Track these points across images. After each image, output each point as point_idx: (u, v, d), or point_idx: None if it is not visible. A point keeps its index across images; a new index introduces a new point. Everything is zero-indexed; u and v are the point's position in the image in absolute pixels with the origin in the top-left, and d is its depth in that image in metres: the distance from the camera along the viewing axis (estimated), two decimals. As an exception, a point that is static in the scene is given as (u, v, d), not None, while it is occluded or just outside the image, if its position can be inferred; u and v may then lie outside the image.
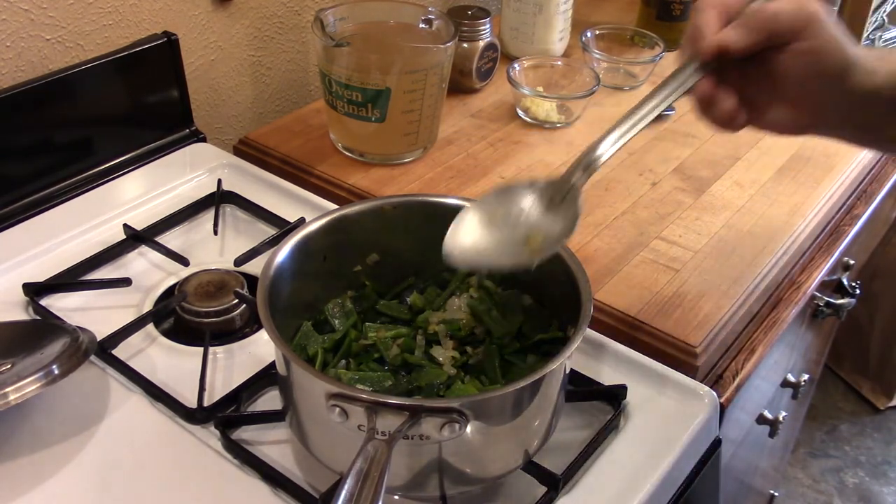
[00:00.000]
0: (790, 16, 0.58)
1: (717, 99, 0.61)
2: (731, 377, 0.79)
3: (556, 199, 0.63)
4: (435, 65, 0.92)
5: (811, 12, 0.58)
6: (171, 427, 0.67)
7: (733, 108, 0.61)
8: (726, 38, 0.59)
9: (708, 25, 0.60)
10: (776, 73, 0.60)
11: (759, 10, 0.59)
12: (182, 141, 1.00)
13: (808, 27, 0.58)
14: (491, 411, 0.56)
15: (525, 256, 0.61)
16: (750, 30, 0.59)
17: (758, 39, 0.59)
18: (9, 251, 0.82)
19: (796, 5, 0.58)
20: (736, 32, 0.59)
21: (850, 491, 1.96)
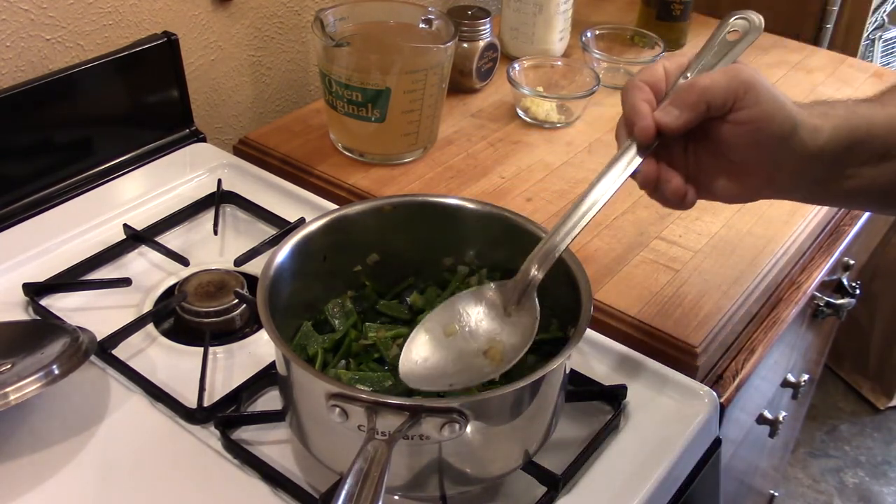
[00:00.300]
0: (724, 87, 0.57)
1: (662, 180, 0.60)
2: (731, 377, 0.79)
3: (511, 301, 0.62)
4: (435, 65, 0.92)
5: (745, 80, 0.57)
6: (171, 427, 0.67)
7: (680, 187, 0.60)
8: (662, 119, 0.58)
9: (641, 107, 0.59)
10: (719, 143, 0.59)
11: (691, 85, 0.58)
12: (182, 141, 1.00)
13: (746, 96, 0.57)
14: (491, 411, 0.56)
15: (488, 370, 0.60)
16: (685, 107, 0.58)
17: (694, 116, 0.58)
18: (9, 251, 0.82)
19: (728, 76, 0.57)
20: (671, 112, 0.58)
21: (850, 491, 1.96)
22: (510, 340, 0.61)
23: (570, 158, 1.01)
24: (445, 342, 0.62)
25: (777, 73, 1.23)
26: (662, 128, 0.58)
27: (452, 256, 0.73)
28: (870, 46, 1.61)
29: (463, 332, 0.62)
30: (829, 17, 1.47)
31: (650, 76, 0.61)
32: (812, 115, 0.58)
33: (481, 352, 0.61)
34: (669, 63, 0.62)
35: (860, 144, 0.59)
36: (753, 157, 0.59)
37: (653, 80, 0.61)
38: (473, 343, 0.62)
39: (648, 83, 0.60)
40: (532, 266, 0.61)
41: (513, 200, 0.93)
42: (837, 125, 0.59)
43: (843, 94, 1.18)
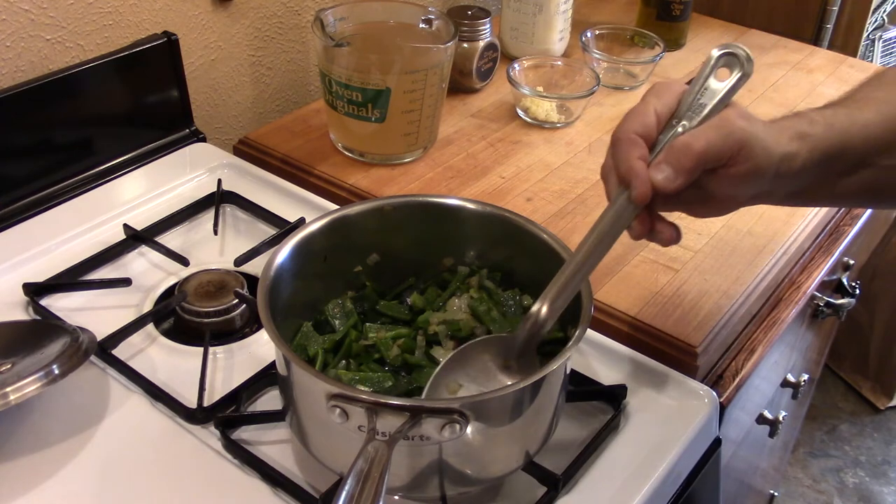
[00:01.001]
0: (720, 147, 0.56)
1: (655, 231, 0.60)
2: (731, 377, 0.79)
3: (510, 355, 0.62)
4: (435, 65, 0.92)
5: (740, 138, 0.56)
6: (171, 427, 0.66)
7: (672, 237, 0.60)
8: (658, 181, 0.57)
9: (638, 167, 0.58)
10: (708, 188, 0.59)
11: (687, 146, 0.57)
12: (182, 141, 1.00)
13: (741, 152, 0.57)
14: (491, 412, 0.56)
15: None
16: (681, 171, 0.57)
17: (690, 179, 0.57)
18: (9, 251, 0.82)
19: (724, 133, 0.57)
20: (667, 173, 0.57)
21: (850, 491, 1.96)
22: None
23: (570, 158, 1.01)
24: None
25: (777, 73, 1.23)
26: (658, 190, 0.58)
27: (452, 257, 0.73)
28: (870, 46, 1.60)
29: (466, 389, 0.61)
30: (829, 17, 1.47)
31: (642, 125, 0.59)
32: (790, 140, 0.58)
33: None
34: (660, 104, 0.60)
35: (836, 159, 0.59)
36: (735, 194, 0.60)
37: (645, 131, 0.59)
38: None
39: (641, 134, 0.59)
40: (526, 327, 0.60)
41: (513, 200, 0.93)
42: (813, 147, 0.58)
43: (843, 94, 1.18)
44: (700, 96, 0.60)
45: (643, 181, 0.57)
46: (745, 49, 0.59)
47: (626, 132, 0.59)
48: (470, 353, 0.62)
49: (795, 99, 1.16)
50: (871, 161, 0.60)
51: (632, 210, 0.59)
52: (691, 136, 0.57)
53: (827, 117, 0.60)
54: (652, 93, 0.61)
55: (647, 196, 0.58)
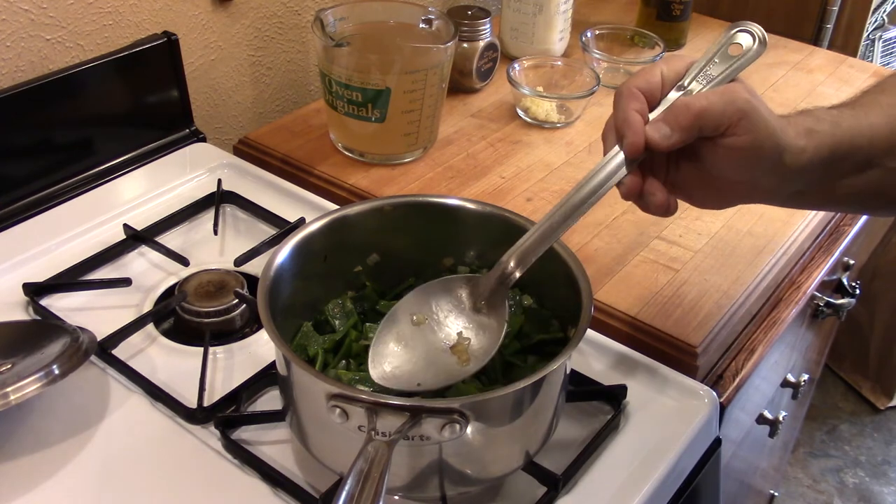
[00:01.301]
0: (720, 112, 0.56)
1: (646, 192, 0.60)
2: (731, 377, 0.79)
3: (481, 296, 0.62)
4: (435, 65, 0.92)
5: (742, 107, 0.56)
6: (171, 427, 0.66)
7: (663, 201, 0.60)
8: (652, 136, 0.57)
9: (633, 119, 0.58)
10: (703, 159, 0.59)
11: (687, 104, 0.56)
12: (182, 141, 1.00)
13: (740, 123, 0.56)
14: (491, 412, 0.56)
15: (456, 370, 0.60)
16: (677, 127, 0.57)
17: (686, 137, 0.57)
18: (9, 251, 0.82)
19: (726, 99, 0.56)
20: (662, 130, 0.57)
21: (850, 491, 1.96)
22: (476, 338, 0.61)
23: (570, 158, 1.01)
24: (413, 333, 0.61)
25: (777, 73, 1.23)
26: (652, 146, 0.57)
27: (452, 257, 0.73)
28: (870, 46, 1.60)
29: (431, 323, 0.62)
30: (829, 17, 1.47)
31: (646, 82, 0.60)
32: (798, 136, 0.58)
33: (448, 346, 0.61)
34: (667, 68, 0.60)
35: (842, 159, 0.59)
36: (735, 176, 0.59)
37: (648, 88, 0.59)
38: (440, 335, 0.62)
39: (643, 90, 0.59)
40: (508, 263, 0.60)
41: (513, 200, 0.93)
42: (820, 144, 0.58)
43: (843, 94, 1.18)
44: (709, 67, 0.60)
45: (636, 132, 0.57)
46: (760, 28, 0.60)
47: (628, 86, 0.59)
48: (438, 288, 0.63)
49: (795, 99, 1.16)
50: (878, 162, 0.60)
51: (625, 164, 0.58)
52: (693, 98, 0.57)
53: (834, 116, 0.60)
54: (662, 60, 0.61)
55: (639, 146, 0.57)
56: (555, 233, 0.60)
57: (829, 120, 0.59)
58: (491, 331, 0.61)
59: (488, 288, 0.62)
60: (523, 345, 0.67)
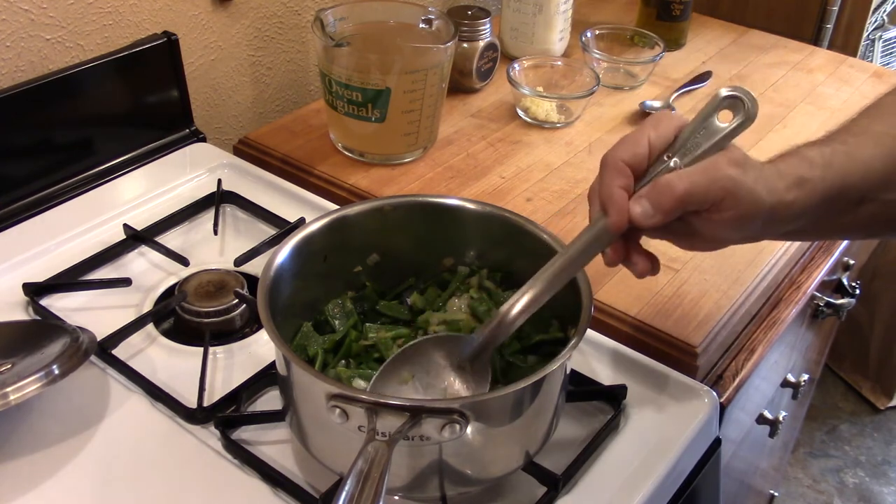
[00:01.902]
0: (704, 191, 0.55)
1: (630, 262, 0.60)
2: (731, 377, 0.79)
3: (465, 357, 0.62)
4: (435, 65, 0.92)
5: (725, 185, 0.55)
6: (171, 427, 0.66)
7: (645, 271, 0.60)
8: (636, 214, 0.57)
9: (618, 196, 0.57)
10: (695, 226, 0.58)
11: (670, 186, 0.56)
12: (182, 141, 1.00)
13: (724, 202, 0.56)
14: (491, 412, 0.56)
15: None
16: (660, 209, 0.56)
17: (668, 218, 0.57)
18: (9, 251, 0.82)
19: (710, 178, 0.55)
20: (645, 209, 0.57)
21: (850, 491, 1.96)
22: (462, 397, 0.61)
23: (570, 158, 1.01)
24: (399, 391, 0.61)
25: (777, 73, 1.23)
26: (634, 224, 0.57)
27: (452, 257, 0.73)
28: (870, 46, 1.60)
29: (416, 382, 0.62)
30: (829, 17, 1.47)
31: (632, 155, 0.58)
32: (788, 189, 0.57)
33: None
34: (655, 135, 0.59)
35: (836, 200, 0.58)
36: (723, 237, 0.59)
37: (635, 160, 0.58)
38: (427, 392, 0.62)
39: (629, 163, 0.58)
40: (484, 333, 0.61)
41: (513, 200, 0.93)
42: (812, 191, 0.57)
43: (843, 94, 1.18)
44: (697, 135, 0.58)
45: (619, 210, 0.57)
46: (751, 95, 0.57)
47: (615, 158, 0.58)
48: (424, 348, 0.63)
49: (795, 99, 1.16)
50: (873, 197, 0.59)
51: (608, 236, 0.59)
52: (676, 176, 0.56)
53: (825, 156, 0.58)
54: (650, 122, 0.60)
55: (622, 226, 0.57)
56: (540, 299, 0.60)
57: (820, 163, 0.58)
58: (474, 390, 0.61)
59: (473, 347, 0.61)
60: (523, 345, 0.67)
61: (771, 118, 1.11)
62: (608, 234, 0.59)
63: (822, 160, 0.58)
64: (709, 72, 1.21)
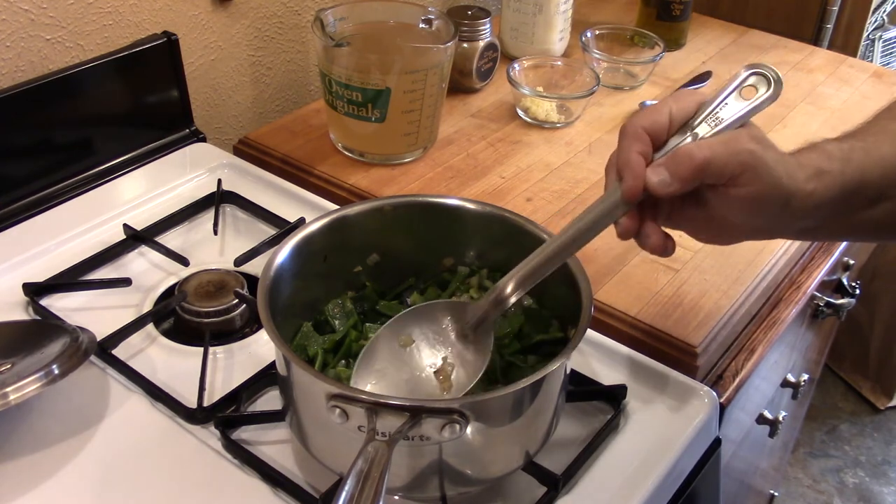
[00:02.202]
0: (723, 163, 0.54)
1: (642, 234, 0.59)
2: (731, 377, 0.79)
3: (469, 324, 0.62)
4: (435, 65, 0.92)
5: (746, 159, 0.54)
6: (171, 427, 0.66)
7: (659, 244, 0.58)
8: (652, 181, 0.56)
9: (635, 161, 0.56)
10: (710, 206, 0.57)
11: (690, 154, 0.55)
12: (182, 141, 1.00)
13: (744, 174, 0.55)
14: (491, 412, 0.56)
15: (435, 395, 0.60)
16: (677, 177, 0.55)
17: (686, 187, 0.56)
18: (9, 251, 0.82)
19: (730, 150, 0.54)
20: (662, 176, 0.56)
21: (850, 491, 1.96)
22: (461, 367, 0.61)
23: (570, 158, 1.01)
24: (399, 354, 0.61)
25: (777, 73, 1.23)
26: (651, 191, 0.56)
27: (452, 257, 0.73)
28: (870, 46, 1.61)
29: (418, 346, 0.62)
30: (829, 17, 1.47)
31: (652, 122, 0.58)
32: (808, 179, 0.56)
33: (432, 370, 0.62)
34: (676, 107, 0.58)
35: (853, 196, 0.58)
36: (740, 221, 0.58)
37: (654, 128, 0.58)
38: (426, 358, 0.62)
39: (649, 130, 0.57)
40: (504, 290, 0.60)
41: (513, 200, 0.93)
42: (831, 184, 0.57)
43: (843, 94, 1.18)
44: (719, 109, 0.57)
45: (636, 175, 0.56)
46: (776, 71, 0.57)
47: (634, 125, 0.58)
48: (428, 312, 0.63)
49: (795, 99, 1.16)
50: (891, 194, 0.58)
51: (622, 205, 0.57)
52: (696, 146, 0.55)
53: (844, 151, 0.58)
54: (672, 96, 0.59)
55: (637, 191, 0.56)
56: (550, 265, 0.59)
57: (839, 157, 0.57)
58: (475, 358, 0.61)
59: (477, 315, 0.61)
60: (523, 345, 0.67)
61: (771, 118, 1.11)
62: (623, 202, 0.57)
63: (842, 154, 0.58)
64: (709, 72, 1.21)
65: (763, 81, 0.57)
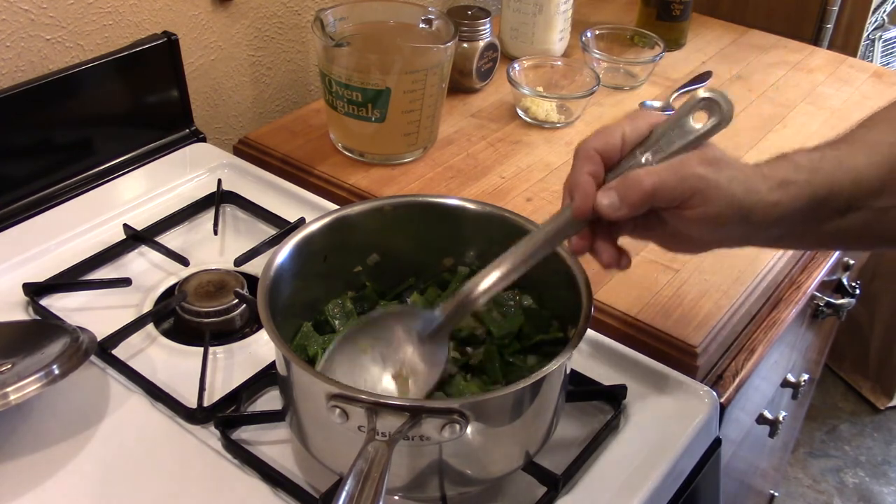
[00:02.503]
0: (671, 188, 0.55)
1: (594, 250, 0.59)
2: (731, 377, 0.79)
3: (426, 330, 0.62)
4: (435, 65, 0.92)
5: (694, 185, 0.55)
6: (171, 427, 0.67)
7: (612, 261, 0.59)
8: (601, 204, 0.56)
9: (584, 182, 0.57)
10: (670, 223, 0.58)
11: (639, 180, 0.55)
12: (182, 141, 1.00)
13: (692, 199, 0.55)
14: (491, 412, 0.56)
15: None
16: (626, 202, 0.56)
17: (634, 212, 0.56)
18: (9, 251, 0.82)
19: (678, 176, 0.55)
20: (612, 200, 0.56)
21: (850, 491, 1.96)
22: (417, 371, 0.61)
23: (570, 158, 1.01)
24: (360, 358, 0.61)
25: (777, 73, 1.23)
26: (600, 214, 0.57)
27: (452, 257, 0.73)
28: (870, 46, 1.61)
29: (376, 350, 0.62)
30: (829, 17, 1.47)
31: (605, 144, 0.58)
32: (770, 191, 0.56)
33: (391, 374, 0.61)
34: (630, 129, 0.59)
35: (821, 205, 0.57)
36: (701, 236, 0.58)
37: (606, 150, 0.58)
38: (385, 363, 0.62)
39: (601, 152, 0.58)
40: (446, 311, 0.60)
41: (513, 200, 0.93)
42: (797, 195, 0.56)
43: (843, 94, 1.18)
44: (671, 132, 0.58)
45: (584, 196, 0.57)
46: (728, 98, 0.57)
47: (587, 147, 0.59)
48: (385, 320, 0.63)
49: (795, 99, 1.16)
50: (862, 204, 0.58)
51: (574, 223, 0.58)
52: (645, 172, 0.56)
53: (814, 161, 0.58)
54: (627, 117, 0.60)
55: (586, 211, 0.57)
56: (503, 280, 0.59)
57: (807, 167, 0.57)
58: (431, 365, 0.61)
59: (435, 322, 0.61)
60: (523, 345, 0.67)
61: (771, 118, 1.11)
62: (574, 221, 0.58)
63: (810, 165, 0.58)
64: (709, 72, 1.21)
65: (715, 107, 0.57)
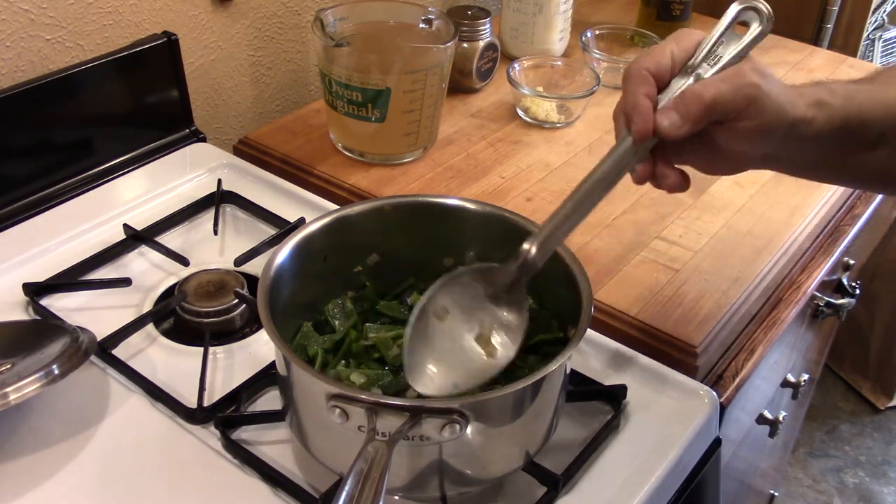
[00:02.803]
0: (729, 99, 0.56)
1: (658, 175, 0.60)
2: (731, 377, 0.79)
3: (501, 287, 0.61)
4: (435, 65, 0.92)
5: (750, 93, 0.56)
6: (171, 427, 0.66)
7: (677, 182, 0.60)
8: (662, 124, 0.57)
9: (642, 104, 0.57)
10: (718, 140, 0.59)
11: (698, 94, 0.56)
12: (182, 141, 1.00)
13: (749, 108, 0.56)
14: (491, 412, 0.56)
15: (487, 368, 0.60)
16: (688, 118, 0.57)
17: (696, 128, 0.57)
18: (9, 251, 0.82)
19: (734, 86, 0.56)
20: (673, 119, 0.57)
21: (850, 491, 1.96)
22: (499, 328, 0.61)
23: (570, 158, 1.01)
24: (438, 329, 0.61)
25: (777, 72, 1.22)
26: (662, 135, 0.57)
27: (452, 257, 0.73)
28: (870, 46, 1.61)
29: (453, 316, 0.61)
30: (829, 17, 1.47)
31: (656, 64, 0.59)
32: (808, 107, 0.58)
33: (473, 338, 0.61)
34: (678, 47, 0.59)
35: (855, 131, 0.59)
36: (747, 150, 0.59)
37: (657, 70, 0.59)
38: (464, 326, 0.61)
39: (652, 72, 0.59)
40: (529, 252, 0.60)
41: (513, 200, 0.93)
42: (832, 115, 0.58)
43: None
44: (717, 47, 0.59)
45: (645, 118, 0.57)
46: (766, 5, 0.58)
47: (638, 68, 0.59)
48: (460, 280, 0.62)
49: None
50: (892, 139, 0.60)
51: (634, 151, 0.58)
52: (702, 86, 0.57)
53: (849, 90, 0.60)
54: (672, 37, 0.60)
55: (647, 133, 0.57)
56: (570, 222, 0.60)
57: (842, 93, 0.59)
58: (513, 320, 0.61)
59: (508, 278, 0.61)
60: (523, 345, 0.67)
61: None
62: (635, 146, 0.58)
63: (846, 92, 0.59)
64: (709, 72, 1.21)
65: (755, 16, 0.59)
